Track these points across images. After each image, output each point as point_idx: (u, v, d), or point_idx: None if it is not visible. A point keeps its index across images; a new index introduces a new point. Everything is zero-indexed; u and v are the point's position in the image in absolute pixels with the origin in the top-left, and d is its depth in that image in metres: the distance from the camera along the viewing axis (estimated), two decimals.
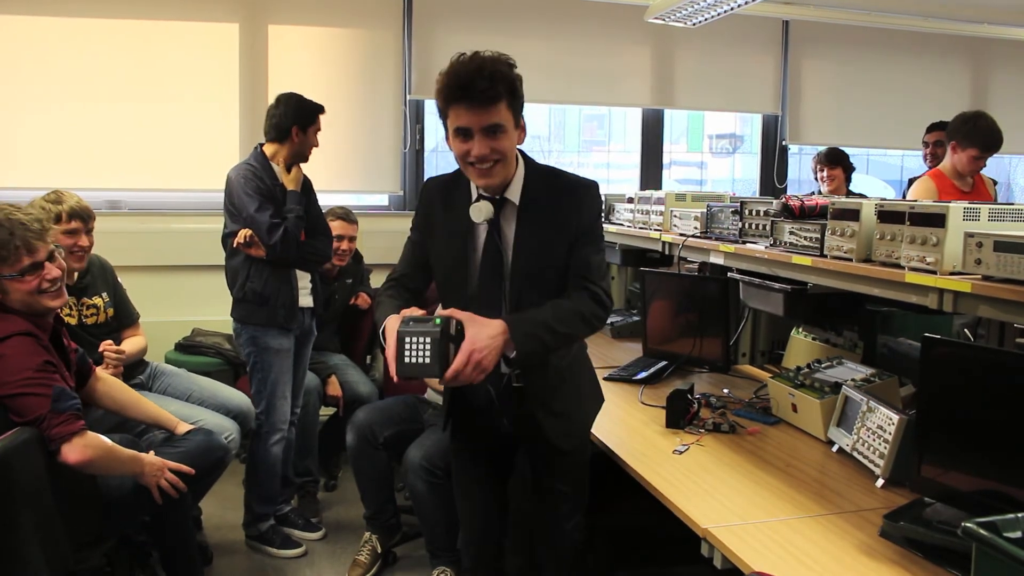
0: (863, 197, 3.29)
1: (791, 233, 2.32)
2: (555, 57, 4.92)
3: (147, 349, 3.11)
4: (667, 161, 5.63)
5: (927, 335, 1.82)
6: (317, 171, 3.36)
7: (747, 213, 2.59)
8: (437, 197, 1.99)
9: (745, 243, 2.58)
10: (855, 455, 2.12)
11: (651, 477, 2.04)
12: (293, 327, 3.11)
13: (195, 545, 2.66)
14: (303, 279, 3.15)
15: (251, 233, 2.97)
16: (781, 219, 2.38)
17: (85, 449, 2.09)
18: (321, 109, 3.12)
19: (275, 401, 3.11)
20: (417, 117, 4.78)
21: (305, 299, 3.16)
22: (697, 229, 2.91)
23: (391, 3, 4.63)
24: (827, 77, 5.50)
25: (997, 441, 1.67)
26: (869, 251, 2.04)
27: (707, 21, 4.19)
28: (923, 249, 1.84)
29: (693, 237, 2.91)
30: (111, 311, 2.97)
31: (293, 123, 3.05)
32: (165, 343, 3.92)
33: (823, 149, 4.94)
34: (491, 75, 1.74)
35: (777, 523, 1.78)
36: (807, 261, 2.21)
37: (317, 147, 3.15)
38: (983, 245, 1.70)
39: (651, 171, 5.37)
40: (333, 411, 3.75)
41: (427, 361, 1.68)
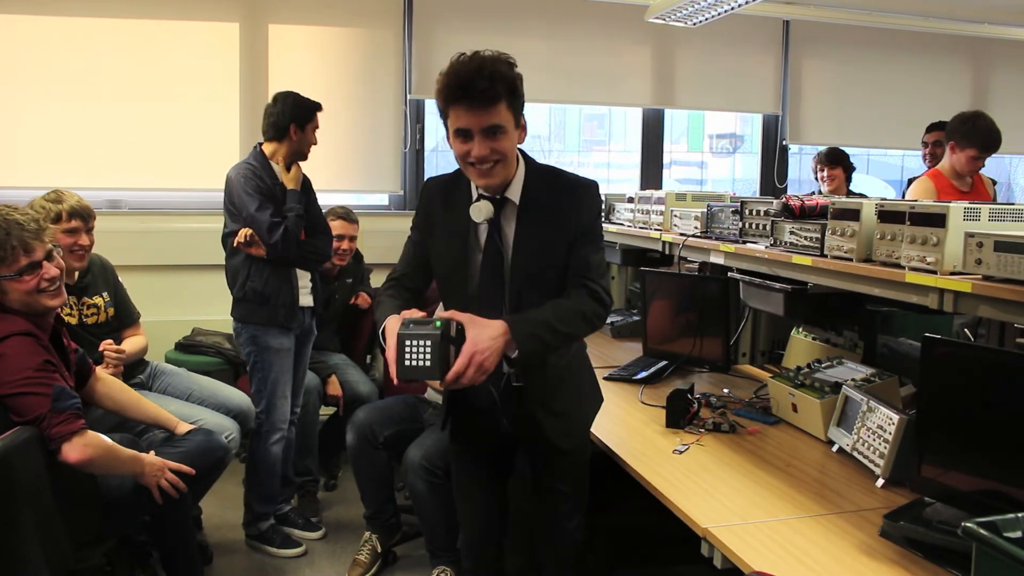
0: (863, 197, 3.28)
1: (791, 233, 2.32)
2: (555, 57, 4.92)
3: (147, 349, 3.11)
4: (667, 161, 5.63)
5: (927, 335, 1.82)
6: (317, 171, 3.36)
7: (747, 213, 2.59)
8: (437, 197, 1.99)
9: (745, 243, 2.58)
10: (855, 455, 2.12)
11: (651, 477, 2.04)
12: (293, 326, 3.11)
13: (195, 545, 2.66)
14: (303, 278, 3.15)
15: (251, 232, 2.97)
16: (781, 219, 2.38)
17: (85, 448, 2.09)
18: (319, 107, 3.11)
19: (275, 400, 3.11)
20: (417, 117, 4.78)
21: (305, 298, 3.17)
22: (697, 229, 2.91)
23: (391, 2, 4.63)
24: (827, 77, 5.50)
25: (997, 441, 1.67)
26: (869, 251, 2.04)
27: (707, 21, 4.18)
28: (923, 249, 1.84)
29: (693, 237, 2.91)
30: (112, 311, 2.97)
31: (291, 121, 3.05)
32: (165, 342, 3.92)
33: (823, 149, 4.94)
34: (491, 76, 1.73)
35: (777, 523, 1.78)
36: (807, 261, 2.21)
37: (316, 145, 3.15)
38: (983, 245, 1.70)
39: (651, 171, 5.37)
40: (333, 411, 3.75)
41: (428, 364, 1.68)
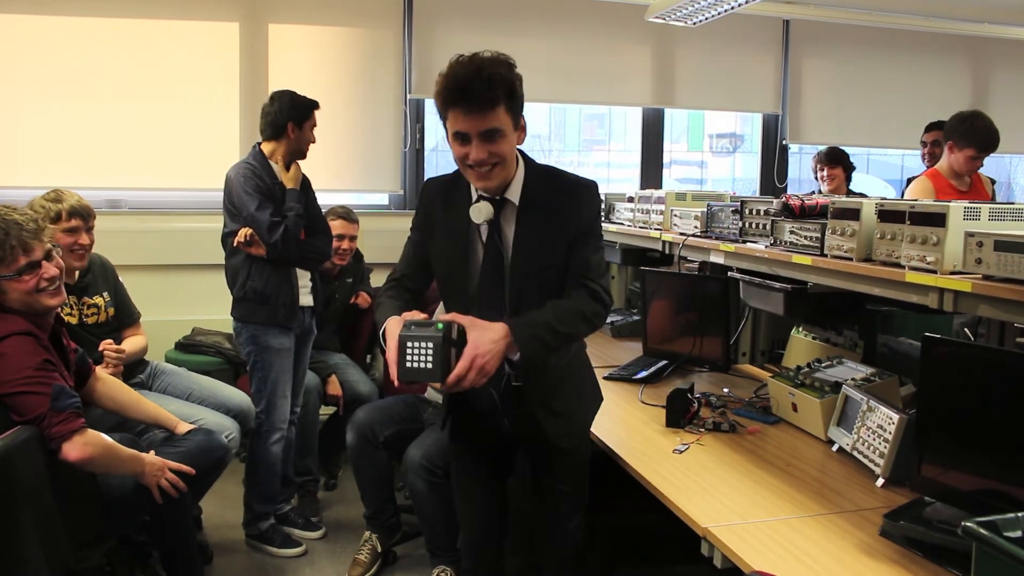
0: (863, 196, 3.28)
1: (791, 232, 2.32)
2: (555, 56, 4.92)
3: (147, 348, 3.10)
4: (667, 160, 5.63)
5: (927, 335, 1.82)
6: (317, 170, 3.36)
7: (747, 212, 2.59)
8: (437, 197, 1.99)
9: (745, 242, 2.58)
10: (855, 454, 2.12)
11: (651, 476, 2.04)
12: (293, 326, 3.11)
13: (195, 544, 2.66)
14: (303, 278, 3.15)
15: (251, 232, 2.97)
16: (781, 218, 2.38)
17: (85, 447, 2.09)
18: (316, 104, 3.11)
19: (275, 400, 3.11)
20: (417, 116, 4.78)
21: (305, 298, 3.16)
22: (697, 228, 2.91)
23: (391, 2, 4.63)
24: (827, 76, 5.50)
25: (997, 441, 1.67)
26: (869, 250, 2.04)
27: (707, 20, 4.18)
28: (923, 248, 1.84)
29: (693, 236, 2.91)
30: (112, 310, 2.97)
31: (288, 119, 3.05)
32: (165, 342, 3.92)
33: (823, 148, 4.94)
34: (488, 79, 1.72)
35: (777, 522, 1.78)
36: (807, 260, 2.21)
37: (314, 143, 3.14)
38: (983, 244, 1.70)
39: (651, 170, 5.37)
40: (333, 410, 3.75)
41: (429, 366, 1.68)
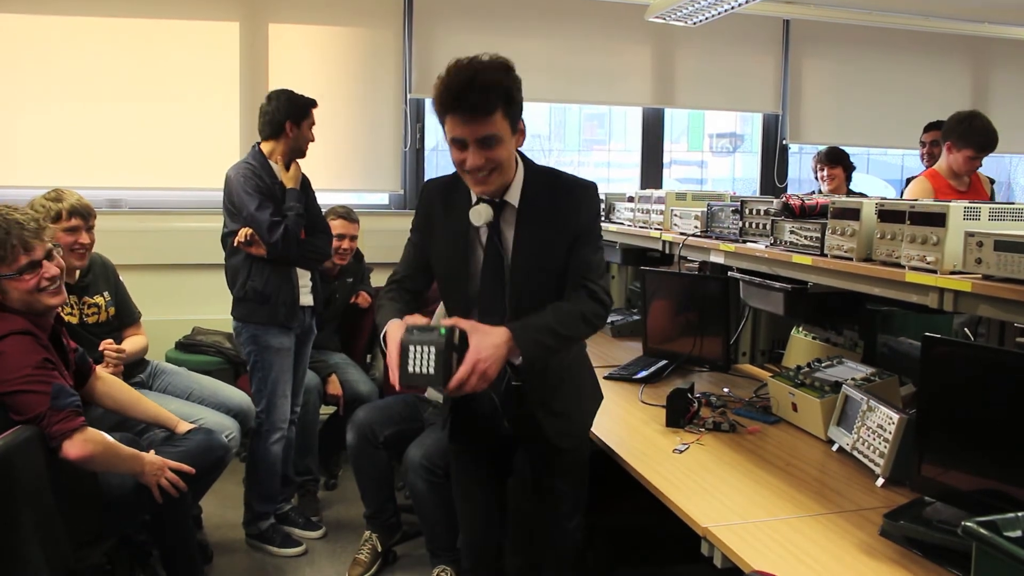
0: (863, 196, 3.28)
1: (791, 232, 2.32)
2: (555, 56, 4.91)
3: (148, 348, 3.11)
4: (667, 160, 5.63)
5: (927, 334, 1.83)
6: (317, 170, 3.36)
7: (747, 212, 2.59)
8: (437, 198, 1.99)
9: (745, 242, 2.58)
10: (855, 454, 2.12)
11: (651, 476, 2.04)
12: (294, 326, 3.11)
13: (195, 544, 2.66)
14: (304, 277, 3.15)
15: (251, 232, 2.97)
16: (781, 218, 2.38)
17: (86, 444, 2.09)
18: (313, 103, 3.11)
19: (275, 400, 3.11)
20: (417, 116, 4.78)
21: (306, 297, 3.16)
22: (697, 228, 2.91)
23: (391, 2, 4.63)
24: (827, 76, 5.50)
25: (997, 440, 1.67)
26: (869, 250, 2.04)
27: (707, 20, 4.18)
28: (923, 248, 1.84)
29: (693, 236, 2.91)
30: (112, 310, 2.97)
31: (286, 118, 3.05)
32: (166, 342, 3.92)
33: (823, 148, 4.94)
34: (485, 87, 1.71)
35: (777, 522, 1.78)
36: (807, 260, 2.21)
37: (313, 141, 3.14)
38: (983, 244, 1.70)
39: (651, 170, 5.37)
40: (333, 410, 3.75)
41: (431, 371, 1.67)
